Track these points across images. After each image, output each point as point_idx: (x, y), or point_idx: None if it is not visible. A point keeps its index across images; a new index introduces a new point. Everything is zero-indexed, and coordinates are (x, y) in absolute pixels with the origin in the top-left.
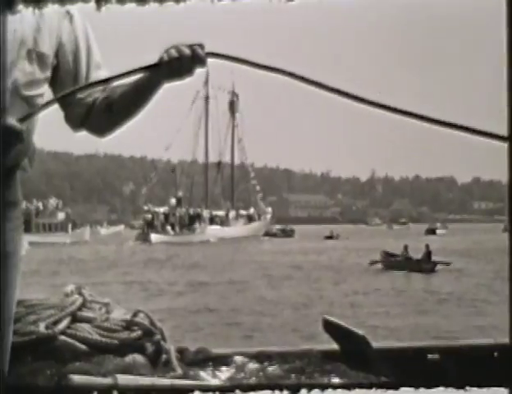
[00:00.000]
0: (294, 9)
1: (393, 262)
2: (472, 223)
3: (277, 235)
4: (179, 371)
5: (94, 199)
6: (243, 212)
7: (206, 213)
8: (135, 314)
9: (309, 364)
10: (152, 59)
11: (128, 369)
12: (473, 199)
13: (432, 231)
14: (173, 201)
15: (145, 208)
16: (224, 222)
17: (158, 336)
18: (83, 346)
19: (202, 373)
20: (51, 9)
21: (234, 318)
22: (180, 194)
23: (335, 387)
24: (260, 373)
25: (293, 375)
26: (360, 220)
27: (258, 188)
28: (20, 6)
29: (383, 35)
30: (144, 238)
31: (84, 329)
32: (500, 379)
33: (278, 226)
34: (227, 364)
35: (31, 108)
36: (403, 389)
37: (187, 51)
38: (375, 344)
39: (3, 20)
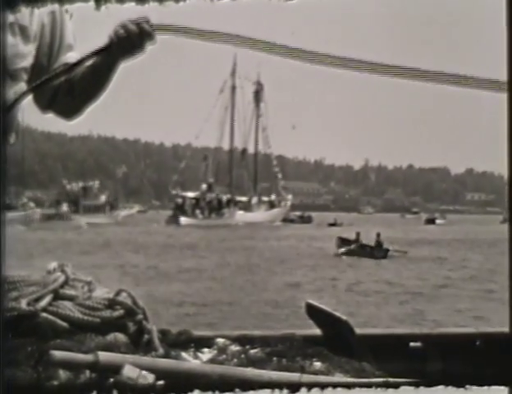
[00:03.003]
0: (293, 8)
1: (345, 249)
2: (464, 214)
3: (295, 222)
4: (161, 351)
5: (88, 181)
6: (265, 198)
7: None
8: (118, 293)
9: (291, 348)
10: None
11: (109, 348)
12: (466, 190)
13: (431, 221)
14: (204, 186)
15: (173, 192)
16: (247, 207)
17: (141, 316)
18: (64, 324)
19: (183, 354)
20: None
21: None
22: (210, 180)
23: (334, 385)
24: (242, 355)
25: (275, 358)
26: (353, 208)
27: (279, 176)
28: (21, 6)
29: (383, 35)
30: (173, 221)
31: (66, 307)
32: (480, 368)
33: (297, 213)
34: (209, 346)
35: (14, 82)
36: (403, 388)
37: (133, 27)
38: (357, 330)
39: (3, 20)
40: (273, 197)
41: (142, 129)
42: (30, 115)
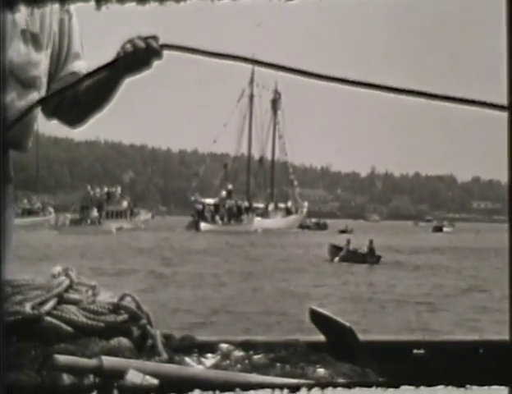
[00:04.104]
0: (294, 8)
1: (339, 254)
2: (470, 222)
3: (311, 228)
4: (164, 356)
5: (94, 186)
6: (281, 205)
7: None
8: (122, 298)
9: (295, 354)
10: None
11: (113, 352)
12: (473, 198)
13: (439, 229)
14: (223, 193)
15: (192, 198)
16: (264, 214)
17: (144, 321)
18: (68, 328)
19: (187, 359)
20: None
21: None
22: (230, 186)
23: (335, 385)
24: (245, 361)
25: (278, 364)
26: (359, 215)
27: (295, 183)
28: (21, 6)
29: (383, 34)
30: (193, 226)
31: (71, 311)
32: (482, 376)
33: (313, 220)
34: (213, 352)
35: (27, 90)
36: (403, 387)
37: (141, 44)
38: (360, 336)
39: (3, 20)
40: (290, 204)
41: (149, 135)
42: (38, 120)
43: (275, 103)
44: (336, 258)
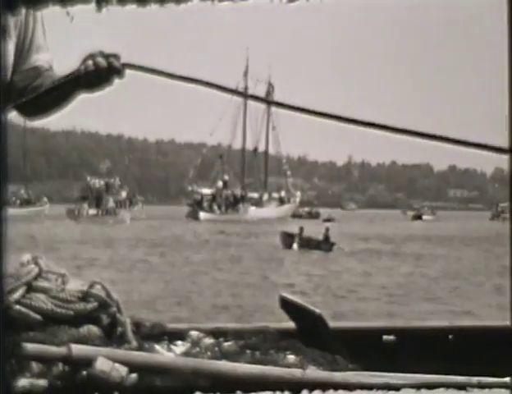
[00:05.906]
0: (295, 10)
1: (293, 242)
2: (447, 210)
3: (303, 217)
4: (134, 343)
5: (70, 176)
6: (275, 195)
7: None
8: (92, 286)
9: (265, 341)
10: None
11: (82, 340)
12: (449, 186)
13: (418, 217)
14: (220, 184)
15: (189, 188)
16: (258, 203)
17: (114, 309)
18: (38, 316)
19: (157, 347)
20: None
21: None
22: (226, 177)
23: (336, 387)
24: (215, 348)
25: (248, 351)
26: (336, 204)
27: (289, 173)
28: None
29: (383, 38)
30: (193, 216)
31: (40, 299)
32: (454, 362)
33: (306, 209)
34: (183, 339)
35: None
36: (404, 390)
37: (103, 63)
38: (330, 323)
39: (3, 21)
40: (283, 193)
41: (125, 124)
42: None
43: (268, 96)
44: (295, 245)
